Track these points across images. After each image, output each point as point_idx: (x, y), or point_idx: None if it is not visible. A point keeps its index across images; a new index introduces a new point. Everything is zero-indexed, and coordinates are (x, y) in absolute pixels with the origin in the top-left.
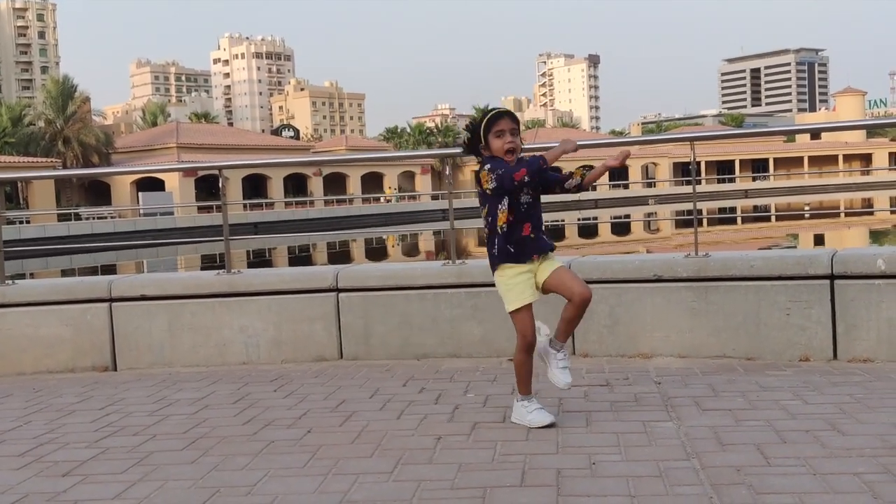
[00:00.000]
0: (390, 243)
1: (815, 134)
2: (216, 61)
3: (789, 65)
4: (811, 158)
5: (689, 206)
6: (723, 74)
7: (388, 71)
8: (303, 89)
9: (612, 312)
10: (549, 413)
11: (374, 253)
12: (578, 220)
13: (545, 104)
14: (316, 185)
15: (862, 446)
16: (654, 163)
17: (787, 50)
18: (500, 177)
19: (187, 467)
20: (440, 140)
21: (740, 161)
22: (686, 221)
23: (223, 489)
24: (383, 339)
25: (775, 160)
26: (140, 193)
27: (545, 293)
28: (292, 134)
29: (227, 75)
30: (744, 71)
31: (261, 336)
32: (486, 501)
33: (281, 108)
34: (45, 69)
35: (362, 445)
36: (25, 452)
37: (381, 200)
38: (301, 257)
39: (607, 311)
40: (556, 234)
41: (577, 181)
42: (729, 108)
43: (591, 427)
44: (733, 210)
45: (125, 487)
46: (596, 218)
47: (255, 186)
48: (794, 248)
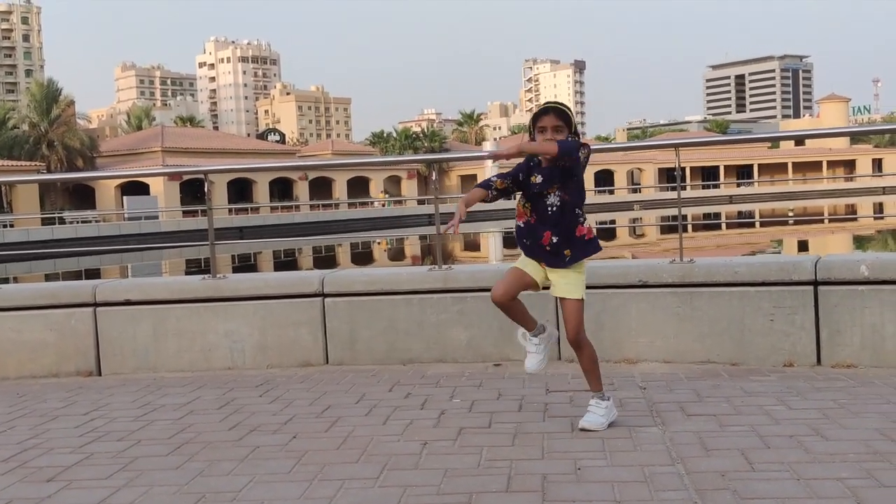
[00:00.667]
0: (383, 247)
1: (800, 140)
2: (202, 65)
3: (774, 71)
4: (795, 164)
5: (674, 211)
6: (707, 80)
7: (374, 76)
8: (289, 93)
9: (598, 318)
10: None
11: (360, 257)
12: None
13: (531, 109)
14: (302, 190)
15: (846, 451)
16: (639, 168)
17: (771, 56)
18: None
19: (172, 473)
20: (426, 145)
21: (725, 167)
22: (671, 227)
23: (208, 495)
24: (369, 345)
25: (760, 166)
26: (125, 197)
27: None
28: (278, 138)
29: (213, 79)
30: (728, 77)
31: (246, 341)
32: None
33: (267, 112)
34: (29, 72)
35: (348, 451)
36: (9, 458)
37: (375, 205)
38: (286, 262)
39: (592, 316)
40: None
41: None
42: (714, 114)
43: (576, 432)
44: (718, 216)
45: (110, 493)
46: None
47: (240, 190)
48: (778, 253)
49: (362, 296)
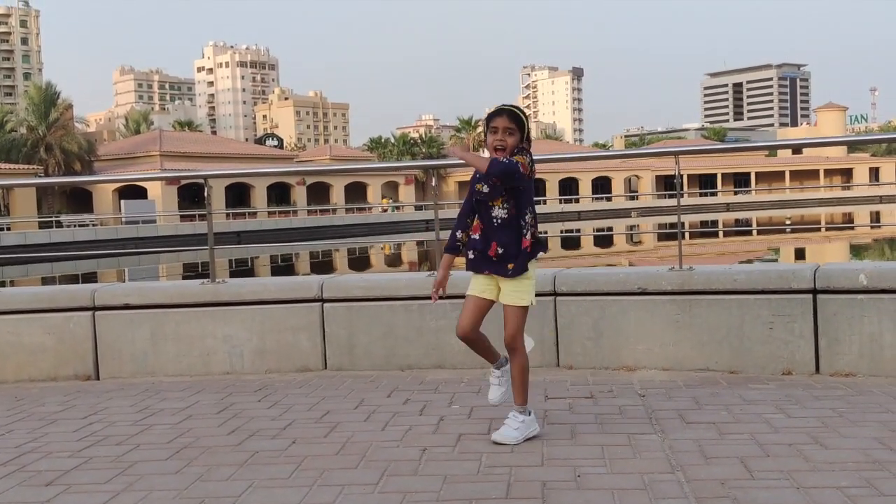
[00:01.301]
0: (386, 251)
1: (797, 149)
2: (200, 69)
3: (771, 79)
4: (793, 173)
5: (672, 218)
6: (705, 88)
7: (372, 81)
8: (287, 98)
9: (597, 325)
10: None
11: (358, 263)
12: (561, 232)
13: (529, 116)
14: (299, 195)
15: (845, 460)
16: (636, 175)
17: (769, 65)
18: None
19: (171, 477)
20: (424, 150)
21: (722, 175)
22: (669, 234)
23: (208, 500)
24: (368, 350)
25: (757, 174)
26: (122, 201)
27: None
28: (276, 143)
29: (211, 84)
30: (726, 85)
31: (245, 346)
32: None
33: (265, 117)
34: (27, 75)
35: (347, 456)
36: (8, 462)
37: (378, 210)
38: (284, 266)
39: (591, 323)
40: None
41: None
42: (711, 122)
43: (575, 439)
44: (715, 223)
45: (109, 497)
46: (579, 230)
47: (238, 195)
48: (776, 261)
49: (361, 301)
